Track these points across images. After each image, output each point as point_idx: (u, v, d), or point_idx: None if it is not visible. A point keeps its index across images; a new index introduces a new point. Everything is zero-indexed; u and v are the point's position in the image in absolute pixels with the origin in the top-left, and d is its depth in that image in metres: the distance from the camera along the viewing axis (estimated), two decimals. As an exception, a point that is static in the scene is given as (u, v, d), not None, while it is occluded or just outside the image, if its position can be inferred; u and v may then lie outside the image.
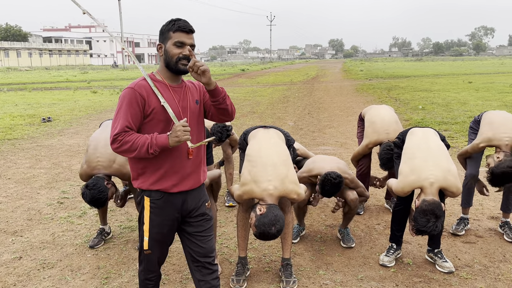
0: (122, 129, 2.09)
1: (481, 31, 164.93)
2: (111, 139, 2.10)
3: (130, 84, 2.18)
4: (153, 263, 2.40)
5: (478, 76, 25.12)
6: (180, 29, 2.16)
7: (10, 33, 68.61)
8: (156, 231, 2.28)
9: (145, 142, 2.08)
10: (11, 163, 6.61)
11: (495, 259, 3.44)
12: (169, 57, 2.16)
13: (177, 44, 2.15)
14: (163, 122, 2.18)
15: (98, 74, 35.21)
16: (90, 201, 3.27)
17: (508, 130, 3.50)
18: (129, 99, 2.12)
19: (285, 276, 3.08)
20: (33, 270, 3.33)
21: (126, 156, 2.15)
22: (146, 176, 2.22)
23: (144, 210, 2.26)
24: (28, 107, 13.38)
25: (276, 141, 3.15)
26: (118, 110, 2.14)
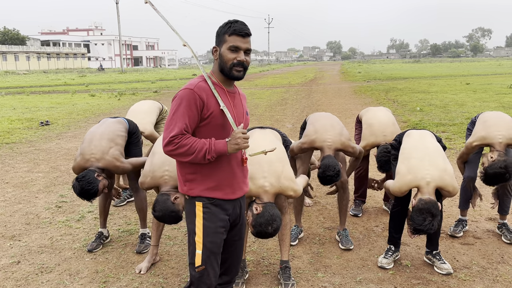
0: (180, 131, 2.01)
1: (478, 33, 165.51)
2: (166, 140, 2.01)
3: (188, 85, 2.08)
4: (207, 282, 2.18)
5: (476, 78, 25.19)
6: (236, 33, 2.08)
7: (8, 37, 68.57)
8: (210, 239, 2.14)
9: (203, 147, 2.01)
10: (9, 167, 6.60)
11: (493, 260, 3.45)
12: (224, 62, 2.09)
13: (231, 48, 2.08)
14: (219, 127, 2.10)
15: (96, 78, 35.20)
16: (80, 193, 3.22)
17: (501, 128, 3.52)
18: (188, 100, 2.03)
19: (284, 279, 3.08)
20: (31, 275, 3.32)
21: (180, 159, 2.07)
22: (197, 183, 2.12)
23: (196, 218, 2.12)
24: (26, 110, 13.37)
25: (272, 139, 3.18)
26: (175, 111, 2.03)
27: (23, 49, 66.70)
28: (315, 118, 3.83)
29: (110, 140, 3.45)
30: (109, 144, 3.42)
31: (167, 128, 2.04)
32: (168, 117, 2.08)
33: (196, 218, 2.13)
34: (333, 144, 3.56)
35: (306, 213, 4.55)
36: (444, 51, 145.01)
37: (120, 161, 3.41)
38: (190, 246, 2.17)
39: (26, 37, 72.73)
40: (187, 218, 2.20)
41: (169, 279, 3.23)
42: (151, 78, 32.12)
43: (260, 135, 3.23)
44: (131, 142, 3.77)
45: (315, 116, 3.89)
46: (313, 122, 3.78)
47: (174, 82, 25.88)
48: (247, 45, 2.10)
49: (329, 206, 4.75)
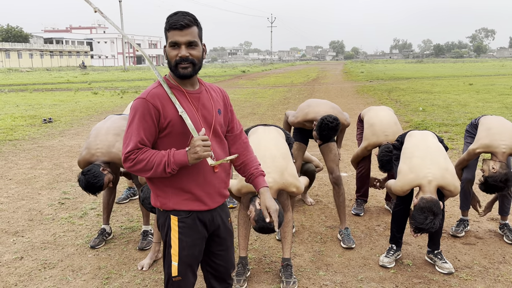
0: (135, 146, 1.85)
1: (481, 33, 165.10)
2: (123, 157, 1.86)
3: (142, 93, 1.91)
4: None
5: (479, 78, 25.13)
6: (172, 27, 1.84)
7: (11, 34, 68.76)
8: (186, 253, 1.99)
9: (161, 160, 1.84)
10: (12, 163, 6.63)
11: (494, 260, 3.45)
12: (168, 60, 1.90)
13: (171, 44, 1.86)
14: (181, 135, 1.90)
15: (99, 75, 35.27)
16: (85, 186, 3.25)
17: (505, 138, 3.49)
18: (142, 111, 1.85)
19: (285, 276, 3.10)
20: (34, 270, 3.35)
21: (141, 175, 1.92)
22: (169, 196, 1.96)
23: (171, 231, 1.98)
24: (29, 108, 13.41)
25: (276, 136, 3.21)
26: (130, 124, 1.87)
27: (26, 47, 66.88)
28: (309, 99, 4.12)
29: (116, 135, 3.48)
30: (115, 138, 3.46)
31: (123, 143, 1.88)
32: (125, 131, 1.92)
33: (172, 232, 1.98)
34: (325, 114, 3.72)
35: (308, 211, 4.56)
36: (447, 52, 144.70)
37: None
38: (166, 257, 2.05)
39: (29, 34, 72.93)
40: (160, 229, 2.05)
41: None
42: (153, 77, 32.14)
43: (263, 131, 3.25)
44: None
45: (309, 99, 4.16)
46: (306, 101, 4.07)
47: (177, 80, 25.85)
48: (187, 38, 1.84)
49: (331, 205, 4.76)
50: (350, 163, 4.96)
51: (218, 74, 36.90)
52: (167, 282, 2.08)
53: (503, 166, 3.40)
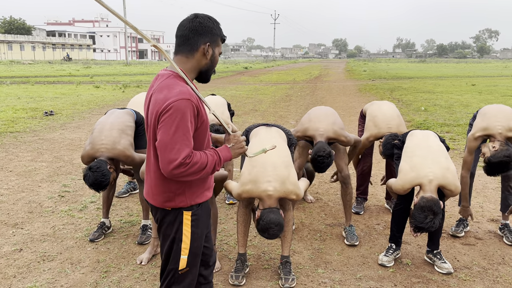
0: (190, 151, 1.82)
1: (485, 34, 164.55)
2: (176, 163, 1.78)
3: (180, 93, 1.81)
4: (190, 282, 2.11)
5: (482, 79, 25.07)
6: (224, 40, 2.00)
7: (14, 26, 68.70)
8: (197, 244, 2.05)
9: (212, 160, 1.89)
10: (13, 155, 6.63)
11: (494, 261, 3.44)
12: (213, 66, 1.98)
13: (220, 54, 2.01)
14: (204, 133, 1.96)
15: (101, 69, 35.24)
16: (92, 183, 3.26)
17: (500, 119, 3.53)
18: (189, 113, 1.81)
19: (284, 273, 3.09)
20: (33, 262, 3.35)
21: (188, 179, 1.87)
22: (187, 195, 1.98)
23: (184, 226, 2.00)
24: (30, 100, 13.41)
25: (278, 141, 3.16)
26: (177, 127, 1.78)
27: (29, 39, 66.83)
28: (312, 110, 3.95)
29: (120, 131, 3.48)
30: (120, 134, 3.46)
31: (171, 148, 1.78)
32: (166, 134, 1.80)
33: (184, 226, 2.00)
34: (325, 133, 3.61)
35: (308, 209, 4.56)
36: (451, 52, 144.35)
37: (130, 152, 3.45)
38: (172, 252, 2.03)
39: (32, 27, 72.86)
40: (168, 229, 2.02)
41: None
42: (155, 71, 32.11)
43: (265, 134, 3.22)
44: (138, 133, 3.78)
45: (312, 109, 3.99)
46: (309, 113, 3.91)
47: (179, 75, 25.82)
48: None
49: (331, 203, 4.75)
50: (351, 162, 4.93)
51: (221, 70, 36.85)
52: (168, 275, 2.07)
53: (503, 143, 3.42)
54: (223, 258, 3.46)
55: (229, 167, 4.79)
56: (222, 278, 3.15)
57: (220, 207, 4.54)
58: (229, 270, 3.25)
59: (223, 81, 23.74)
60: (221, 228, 4.02)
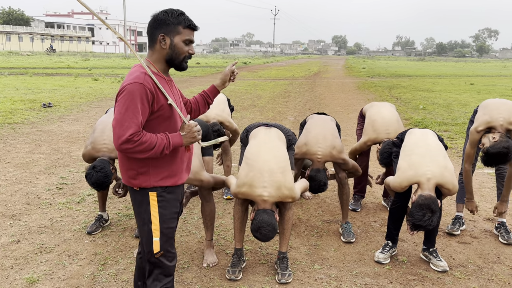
0: (137, 129, 1.96)
1: (485, 33, 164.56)
2: (123, 139, 1.93)
3: (135, 78, 2.00)
4: (168, 265, 2.21)
5: (480, 78, 25.10)
6: (191, 27, 2.10)
7: (13, 17, 68.28)
8: (166, 226, 2.16)
9: (161, 142, 2.01)
10: (11, 147, 6.62)
11: (489, 260, 3.47)
12: (177, 53, 2.09)
13: (186, 42, 2.10)
14: (167, 119, 2.10)
15: (100, 62, 35.10)
16: (94, 182, 3.30)
17: (502, 111, 3.54)
18: (140, 95, 1.97)
19: (281, 269, 3.11)
20: (30, 254, 3.35)
21: (136, 156, 2.02)
22: (150, 175, 2.10)
23: (151, 207, 2.12)
24: (28, 92, 13.36)
25: (276, 144, 3.14)
26: (128, 107, 1.95)
27: (27, 30, 66.44)
28: (310, 126, 3.81)
29: None
30: None
31: (121, 125, 1.94)
32: (118, 113, 1.98)
33: (151, 207, 2.12)
34: (323, 158, 3.60)
35: (305, 205, 4.58)
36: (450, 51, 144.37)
37: None
38: (145, 235, 2.16)
39: (31, 18, 72.44)
40: (138, 208, 2.17)
41: (167, 264, 3.26)
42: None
43: (264, 136, 3.20)
44: None
45: (311, 123, 3.85)
46: (307, 130, 3.78)
47: (178, 69, 25.77)
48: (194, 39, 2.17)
49: (328, 199, 4.77)
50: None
51: (220, 64, 36.77)
52: (148, 261, 2.20)
53: (503, 135, 3.43)
54: (220, 252, 3.47)
55: (227, 162, 4.80)
56: (219, 272, 3.16)
57: (217, 202, 4.55)
58: (226, 264, 3.26)
59: (222, 76, 23.67)
60: (218, 223, 4.03)
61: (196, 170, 3.07)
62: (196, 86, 17.09)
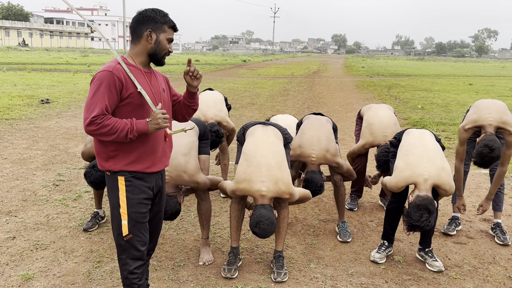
0: (101, 112, 2.07)
1: (484, 34, 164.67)
2: (88, 121, 2.06)
3: (105, 67, 2.16)
4: (136, 249, 2.28)
5: (479, 78, 25.13)
6: (173, 28, 2.28)
7: (12, 12, 68.04)
8: (134, 210, 2.24)
9: (124, 127, 2.10)
10: (8, 143, 6.60)
11: (484, 260, 3.48)
12: (160, 49, 2.24)
13: (169, 40, 2.26)
14: (138, 107, 2.20)
15: (99, 58, 35.01)
16: (92, 181, 3.32)
17: (492, 111, 3.55)
18: (108, 82, 2.11)
19: (277, 267, 3.11)
20: (26, 251, 3.35)
21: (101, 139, 2.14)
22: (119, 158, 2.21)
23: (119, 191, 2.23)
24: (26, 87, 13.32)
25: (273, 140, 3.15)
26: (95, 92, 2.10)
27: (26, 26, 66.20)
28: (305, 127, 3.77)
29: None
30: None
31: (88, 109, 2.08)
32: (88, 98, 2.13)
33: (119, 192, 2.23)
34: (317, 160, 3.58)
35: (302, 204, 4.57)
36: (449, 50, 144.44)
37: None
38: (115, 218, 2.27)
39: (30, 13, 72.19)
40: (110, 193, 2.29)
41: (162, 262, 3.26)
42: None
43: (261, 133, 3.20)
44: None
45: (306, 124, 3.81)
46: (302, 132, 3.75)
47: (177, 66, 25.77)
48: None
49: (325, 198, 4.77)
50: (346, 158, 4.95)
51: (219, 62, 36.73)
52: (118, 244, 2.29)
53: (488, 134, 3.44)
54: (216, 251, 3.47)
55: (225, 161, 4.80)
56: (214, 270, 3.16)
57: (214, 200, 4.55)
58: (221, 263, 3.26)
59: (221, 74, 23.67)
60: (215, 221, 4.03)
61: (192, 173, 3.07)
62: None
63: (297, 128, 3.99)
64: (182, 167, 3.03)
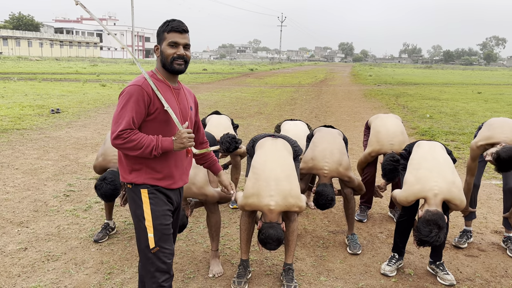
0: (128, 126, 2.09)
1: (492, 41, 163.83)
2: (115, 134, 2.08)
3: (135, 81, 2.18)
4: (163, 262, 2.24)
5: (488, 87, 24.97)
6: (173, 30, 2.21)
7: (22, 22, 69.10)
8: (159, 222, 2.23)
9: (150, 143, 2.11)
10: (19, 153, 6.68)
11: (496, 274, 3.44)
12: (164, 57, 2.22)
13: (171, 44, 2.21)
14: (164, 123, 2.21)
15: (108, 67, 35.38)
16: (103, 194, 3.33)
17: (506, 131, 3.52)
18: (136, 96, 2.12)
19: (286, 280, 3.10)
20: (37, 262, 3.38)
21: (127, 153, 2.15)
22: (142, 172, 2.22)
23: (143, 204, 2.22)
24: (37, 97, 13.49)
25: (282, 154, 3.16)
26: (123, 106, 2.12)
27: (37, 35, 67.16)
28: (317, 140, 3.78)
29: None
30: None
31: (115, 122, 2.11)
32: (116, 111, 2.14)
33: (143, 204, 2.22)
34: (330, 173, 3.58)
35: (311, 215, 4.57)
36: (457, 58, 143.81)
37: None
38: (141, 232, 2.24)
39: (40, 23, 73.25)
40: (132, 206, 2.28)
41: (172, 274, 3.26)
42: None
43: (271, 146, 3.21)
44: None
45: (318, 137, 3.82)
46: (314, 144, 3.76)
47: (184, 76, 25.94)
48: (185, 41, 2.23)
49: (334, 209, 4.76)
50: (356, 169, 4.94)
51: (226, 71, 36.92)
52: (144, 257, 2.26)
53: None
54: (225, 263, 3.47)
55: (236, 175, 4.77)
56: (224, 283, 3.16)
57: (223, 211, 4.56)
58: (231, 275, 3.26)
59: (229, 83, 23.77)
60: (224, 232, 4.03)
61: (201, 185, 3.08)
62: (202, 92, 17.17)
63: (308, 140, 3.99)
64: (191, 179, 3.04)
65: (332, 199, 3.46)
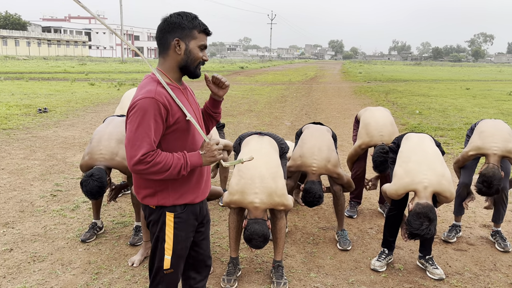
0: (150, 148, 1.84)
1: (480, 38, 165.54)
2: (135, 160, 1.82)
3: (145, 92, 1.86)
4: (174, 282, 2.17)
5: (476, 83, 25.22)
6: (205, 32, 1.98)
7: (9, 21, 68.19)
8: (181, 247, 2.09)
9: (178, 162, 1.89)
10: (5, 153, 6.57)
11: (485, 267, 3.46)
12: (192, 59, 1.96)
13: (201, 47, 1.97)
14: (185, 133, 1.98)
15: (96, 66, 35.05)
16: (88, 191, 3.22)
17: (497, 140, 3.51)
18: (153, 112, 1.84)
19: (276, 277, 3.09)
20: (23, 263, 3.31)
21: (152, 177, 1.91)
22: (168, 192, 2.01)
23: (166, 227, 2.04)
24: (24, 97, 13.30)
25: (268, 151, 3.14)
26: (139, 125, 1.83)
27: (24, 35, 66.34)
28: (306, 137, 3.75)
29: (119, 141, 3.47)
30: (118, 145, 3.45)
31: (132, 145, 1.83)
32: (129, 131, 1.86)
33: (167, 227, 2.04)
34: (318, 170, 3.54)
35: (301, 212, 4.56)
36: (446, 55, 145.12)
37: None
38: (157, 251, 2.10)
39: (28, 22, 72.35)
40: (153, 227, 2.09)
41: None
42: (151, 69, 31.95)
43: (256, 144, 3.20)
44: None
45: (307, 134, 3.79)
46: (303, 141, 3.72)
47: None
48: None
49: (324, 206, 4.75)
50: (346, 164, 4.94)
51: (217, 69, 36.79)
52: (155, 274, 2.14)
53: (491, 166, 3.43)
54: (215, 261, 3.44)
55: (225, 174, 4.73)
56: (214, 281, 3.13)
57: (213, 209, 4.53)
58: (221, 273, 3.24)
59: (219, 81, 23.66)
60: (214, 230, 4.00)
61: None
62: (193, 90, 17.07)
63: (297, 137, 3.97)
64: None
65: (320, 197, 3.43)
